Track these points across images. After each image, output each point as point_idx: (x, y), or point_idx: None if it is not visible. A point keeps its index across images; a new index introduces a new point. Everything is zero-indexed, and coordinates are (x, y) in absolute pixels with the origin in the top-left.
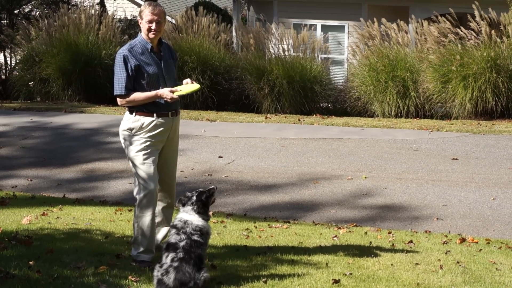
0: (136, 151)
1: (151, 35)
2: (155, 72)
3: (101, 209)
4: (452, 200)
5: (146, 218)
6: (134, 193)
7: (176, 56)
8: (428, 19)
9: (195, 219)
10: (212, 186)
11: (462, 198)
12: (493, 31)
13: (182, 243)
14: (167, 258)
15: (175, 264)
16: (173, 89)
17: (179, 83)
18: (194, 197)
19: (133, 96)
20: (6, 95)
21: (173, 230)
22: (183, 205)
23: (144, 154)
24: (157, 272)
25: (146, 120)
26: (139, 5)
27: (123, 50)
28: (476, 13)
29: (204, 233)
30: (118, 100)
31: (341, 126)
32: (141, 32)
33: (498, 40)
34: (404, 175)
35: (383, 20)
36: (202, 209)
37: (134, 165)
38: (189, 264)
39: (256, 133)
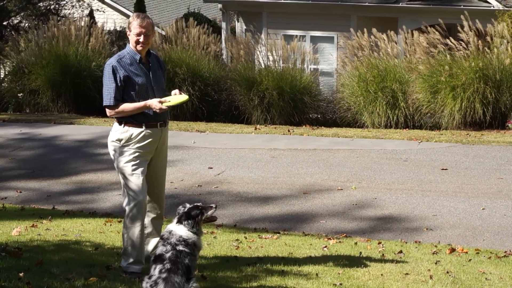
0: (125, 162)
1: (139, 47)
2: (144, 82)
3: (91, 220)
4: (442, 210)
5: (136, 229)
6: (123, 204)
7: (164, 67)
8: (418, 30)
9: (180, 230)
10: (212, 205)
11: (452, 208)
12: (481, 42)
13: (168, 254)
14: (155, 270)
15: (164, 275)
16: (162, 99)
17: (168, 93)
18: (186, 209)
19: (122, 107)
20: None
21: (161, 241)
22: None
23: (133, 165)
24: (146, 284)
25: (135, 131)
26: (128, 17)
27: (111, 61)
28: (465, 23)
29: (190, 243)
30: (107, 111)
31: (330, 136)
32: (129, 43)
33: (488, 50)
34: (394, 185)
35: (374, 30)
36: (186, 221)
37: (123, 176)
38: (177, 275)
39: (246, 144)
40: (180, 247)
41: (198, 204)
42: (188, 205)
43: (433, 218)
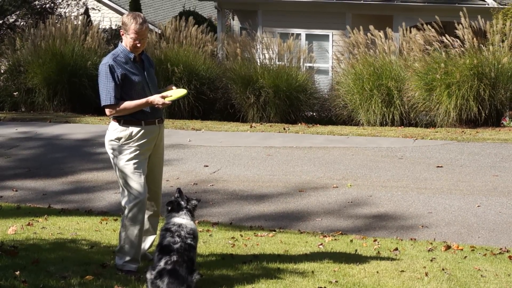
0: (126, 160)
1: (135, 51)
2: (141, 80)
3: (86, 219)
4: (437, 208)
5: (135, 228)
6: (123, 203)
7: (154, 65)
8: (414, 27)
9: (189, 223)
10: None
11: (447, 206)
12: (477, 39)
13: (176, 246)
14: (161, 261)
15: (169, 267)
16: (163, 94)
17: (161, 90)
18: (189, 202)
19: (124, 105)
20: None
21: (168, 233)
22: (173, 210)
23: (134, 164)
24: (150, 275)
25: (134, 129)
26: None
27: (108, 60)
28: (462, 20)
29: (196, 236)
30: (107, 110)
31: (326, 134)
32: (122, 42)
33: (484, 48)
34: (389, 183)
35: (371, 27)
36: (190, 214)
37: (124, 174)
38: (182, 267)
39: (242, 142)
40: (189, 241)
41: (185, 196)
42: (179, 200)
43: (428, 216)
